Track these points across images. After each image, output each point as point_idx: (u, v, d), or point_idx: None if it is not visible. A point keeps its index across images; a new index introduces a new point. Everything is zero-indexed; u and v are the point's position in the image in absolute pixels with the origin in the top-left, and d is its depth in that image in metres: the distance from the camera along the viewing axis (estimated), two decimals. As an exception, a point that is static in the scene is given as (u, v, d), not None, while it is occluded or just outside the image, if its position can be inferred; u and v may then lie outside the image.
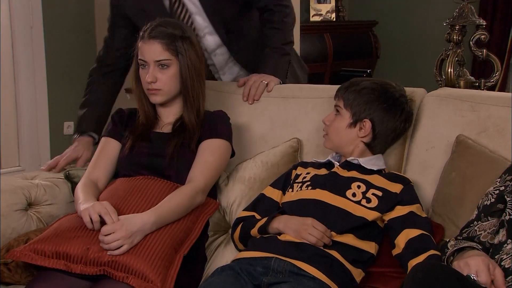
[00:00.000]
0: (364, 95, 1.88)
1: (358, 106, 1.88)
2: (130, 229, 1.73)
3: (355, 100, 1.89)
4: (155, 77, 1.97)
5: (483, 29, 3.06)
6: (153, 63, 1.97)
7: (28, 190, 2.07)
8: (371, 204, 1.78)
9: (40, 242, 1.76)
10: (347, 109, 1.90)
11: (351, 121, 1.89)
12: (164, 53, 1.96)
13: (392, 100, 1.90)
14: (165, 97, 2.01)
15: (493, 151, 1.82)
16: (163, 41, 1.96)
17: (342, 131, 1.90)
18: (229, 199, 2.09)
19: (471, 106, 1.92)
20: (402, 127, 1.94)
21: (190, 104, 2.01)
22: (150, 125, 2.07)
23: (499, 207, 1.59)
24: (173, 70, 1.98)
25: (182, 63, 1.98)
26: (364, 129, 1.88)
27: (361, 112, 1.88)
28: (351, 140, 1.90)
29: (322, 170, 1.92)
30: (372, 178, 1.84)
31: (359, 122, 1.88)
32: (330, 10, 5.70)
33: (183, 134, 2.00)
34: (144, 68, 1.99)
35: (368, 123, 1.88)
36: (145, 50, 1.97)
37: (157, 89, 1.98)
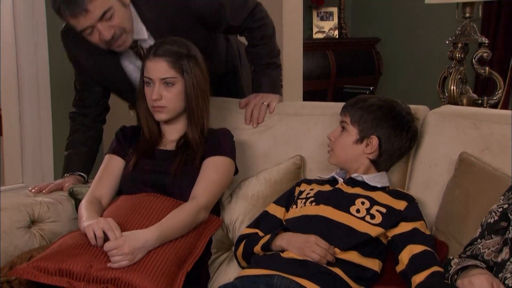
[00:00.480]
0: (372, 112, 1.89)
1: (366, 122, 1.89)
2: (133, 245, 1.73)
3: (363, 117, 1.89)
4: (160, 94, 1.97)
5: (486, 47, 3.06)
6: (159, 80, 1.97)
7: (31, 207, 2.07)
8: (375, 220, 1.78)
9: (43, 259, 1.76)
10: (354, 125, 1.90)
11: (358, 137, 1.89)
12: (170, 71, 1.97)
13: (400, 118, 1.91)
14: (169, 114, 2.01)
15: (496, 168, 1.82)
16: (169, 59, 1.97)
17: (348, 147, 1.90)
18: (232, 216, 2.09)
19: (474, 123, 1.92)
20: (408, 145, 1.95)
21: (195, 122, 2.02)
22: (154, 142, 2.07)
23: (502, 225, 1.58)
24: (178, 88, 1.99)
25: (187, 81, 1.99)
26: (371, 146, 1.89)
27: (369, 128, 1.89)
28: (357, 157, 1.90)
29: (326, 186, 1.92)
30: (376, 195, 1.83)
31: (366, 139, 1.89)
32: (333, 27, 5.73)
33: (187, 151, 2.01)
34: (149, 86, 2.00)
35: (375, 139, 1.88)
36: (151, 68, 1.98)
37: (162, 106, 1.99)
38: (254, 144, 2.23)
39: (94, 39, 2.04)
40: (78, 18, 1.97)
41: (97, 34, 2.02)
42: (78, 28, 2.01)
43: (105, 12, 1.97)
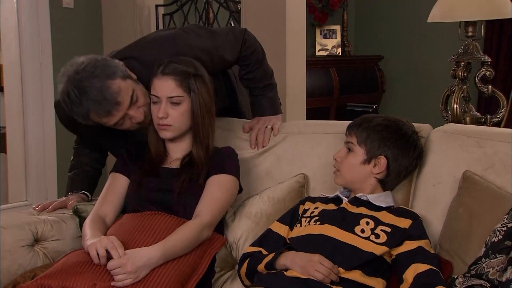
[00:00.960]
0: (378, 132, 1.89)
1: (373, 143, 1.89)
2: (136, 263, 1.73)
3: (369, 137, 1.89)
4: (167, 113, 1.98)
5: (488, 66, 3.07)
6: (166, 99, 1.98)
7: (35, 225, 2.07)
8: (380, 240, 1.77)
9: (46, 277, 1.76)
10: (361, 146, 1.90)
11: (365, 157, 1.89)
12: (177, 89, 1.98)
13: (407, 137, 1.92)
14: (175, 133, 2.02)
15: (500, 187, 1.81)
16: (177, 78, 1.98)
17: (355, 168, 1.90)
18: (236, 235, 2.08)
19: (477, 142, 1.92)
20: (415, 164, 1.95)
21: (200, 141, 2.02)
22: (159, 160, 2.07)
23: (507, 244, 1.58)
24: (184, 107, 1.99)
25: (194, 101, 1.99)
26: (379, 166, 1.89)
27: (376, 149, 1.89)
28: (365, 177, 1.90)
29: (330, 205, 1.92)
30: (381, 215, 1.83)
31: (374, 159, 1.89)
32: (336, 45, 5.75)
33: (191, 169, 2.01)
34: (155, 104, 2.01)
35: (383, 159, 1.89)
36: (158, 86, 1.99)
37: (168, 124, 1.99)
38: (257, 162, 2.23)
39: (125, 127, 2.03)
40: (112, 114, 1.95)
41: (129, 121, 2.01)
42: (110, 123, 1.99)
43: (131, 96, 1.98)
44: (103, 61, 1.98)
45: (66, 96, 1.93)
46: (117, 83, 1.94)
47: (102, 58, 1.99)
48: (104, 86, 1.91)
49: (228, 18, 4.05)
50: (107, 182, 2.11)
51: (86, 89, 1.90)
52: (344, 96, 5.36)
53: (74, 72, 1.94)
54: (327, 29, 5.73)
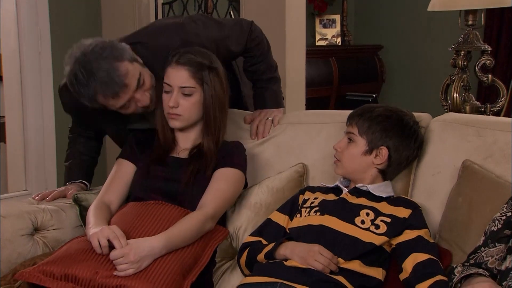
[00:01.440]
0: (380, 123, 1.89)
1: (374, 133, 1.88)
2: (138, 253, 1.73)
3: (371, 128, 1.89)
4: (178, 102, 1.98)
5: (488, 55, 3.06)
6: (178, 88, 1.98)
7: (35, 214, 2.07)
8: (380, 230, 1.78)
9: (49, 264, 1.76)
10: (362, 136, 1.90)
11: (366, 148, 1.89)
12: (190, 80, 1.97)
13: (408, 128, 1.91)
14: (184, 123, 2.02)
15: (500, 176, 1.82)
16: (191, 68, 1.97)
17: (357, 158, 1.90)
18: (236, 225, 2.09)
19: (477, 131, 1.92)
20: (415, 154, 1.95)
21: (211, 133, 2.02)
22: (167, 149, 2.07)
23: (506, 233, 1.58)
24: (196, 98, 1.99)
25: (207, 93, 1.99)
26: (380, 156, 1.89)
27: (378, 139, 1.88)
28: (366, 167, 1.90)
29: (330, 195, 1.92)
30: (380, 206, 1.83)
31: (375, 150, 1.89)
32: (336, 35, 5.73)
33: (200, 160, 2.01)
34: (167, 93, 2.00)
35: (384, 150, 1.88)
36: (172, 75, 1.98)
37: (178, 114, 1.99)
38: (257, 153, 2.23)
39: (130, 110, 2.02)
40: (119, 96, 1.95)
41: (134, 104, 2.00)
42: (116, 106, 1.98)
43: (138, 79, 1.97)
44: (111, 43, 1.97)
45: (74, 78, 1.93)
46: (125, 65, 1.93)
47: (109, 41, 1.99)
48: (111, 68, 1.90)
49: (228, 8, 4.03)
50: (113, 168, 2.10)
51: (94, 71, 1.90)
52: (344, 85, 5.36)
53: (81, 54, 1.93)
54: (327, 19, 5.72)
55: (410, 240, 1.76)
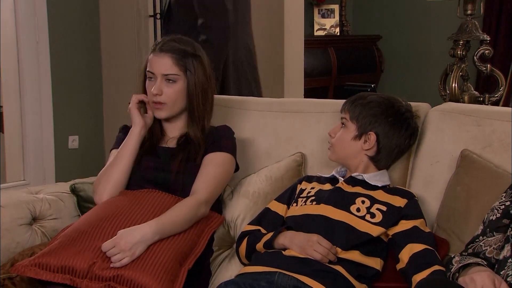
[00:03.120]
0: (371, 109, 1.89)
1: (364, 119, 1.89)
2: (129, 241, 1.73)
3: (361, 113, 1.89)
4: (161, 90, 1.98)
5: (487, 44, 3.06)
6: (161, 76, 1.98)
7: (33, 204, 2.07)
8: (375, 219, 1.78)
9: (45, 256, 1.76)
10: (353, 121, 1.90)
11: (356, 133, 1.89)
12: (173, 67, 1.97)
13: (398, 115, 1.91)
14: (169, 112, 2.01)
15: (498, 165, 1.82)
16: (173, 55, 1.97)
17: (346, 143, 1.91)
18: (234, 214, 2.09)
19: (475, 121, 1.92)
20: (407, 143, 1.94)
21: (195, 121, 2.02)
22: (156, 139, 2.07)
23: (504, 222, 1.58)
24: (179, 86, 1.99)
25: (190, 80, 1.99)
26: (368, 142, 1.89)
27: (367, 125, 1.89)
28: (356, 153, 1.90)
29: (326, 185, 1.92)
30: (376, 194, 1.84)
31: (364, 135, 1.89)
32: (334, 25, 5.73)
33: (188, 148, 2.01)
34: (151, 81, 2.00)
35: (373, 135, 1.88)
36: (154, 63, 1.98)
37: (162, 102, 1.99)
38: (255, 141, 2.23)
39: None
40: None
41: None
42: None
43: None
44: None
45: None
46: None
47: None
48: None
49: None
50: (109, 160, 2.10)
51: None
52: (342, 76, 5.36)
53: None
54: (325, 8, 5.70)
55: (406, 231, 1.76)
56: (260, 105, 2.31)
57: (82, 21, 4.14)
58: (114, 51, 4.24)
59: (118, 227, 1.80)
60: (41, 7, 3.80)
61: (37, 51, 3.85)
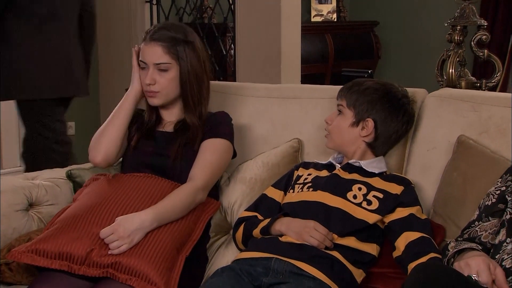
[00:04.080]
0: (368, 95, 1.89)
1: (361, 105, 1.88)
2: (128, 228, 1.73)
3: (358, 100, 1.89)
4: (154, 79, 1.96)
5: (484, 30, 3.05)
6: (153, 65, 1.96)
7: (29, 190, 2.07)
8: (372, 207, 1.78)
9: (42, 242, 1.75)
10: (350, 108, 1.90)
11: (353, 120, 1.89)
12: (164, 56, 1.95)
13: (395, 101, 1.90)
14: (162, 99, 2.00)
15: (495, 151, 1.82)
16: (164, 44, 1.95)
17: (344, 130, 1.90)
18: (230, 200, 2.09)
19: (472, 106, 1.92)
20: (404, 129, 1.94)
21: (191, 109, 2.01)
22: (154, 124, 2.07)
23: (500, 207, 1.59)
24: (172, 74, 1.97)
25: (183, 68, 1.97)
26: (366, 129, 1.88)
27: (364, 111, 1.88)
28: (353, 140, 1.90)
29: (323, 171, 1.92)
30: (373, 181, 1.84)
31: (361, 122, 1.88)
32: (331, 11, 5.70)
33: (186, 133, 2.00)
34: (144, 70, 1.99)
35: (370, 122, 1.88)
36: (146, 52, 1.97)
37: (155, 91, 1.98)
38: (252, 127, 2.23)
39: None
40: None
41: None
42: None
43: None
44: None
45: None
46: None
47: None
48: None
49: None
50: None
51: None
52: (340, 62, 5.34)
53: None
54: (323, -6, 5.68)
55: (402, 218, 1.76)
56: (258, 91, 2.30)
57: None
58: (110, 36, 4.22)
59: (115, 212, 1.80)
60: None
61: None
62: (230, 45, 4.16)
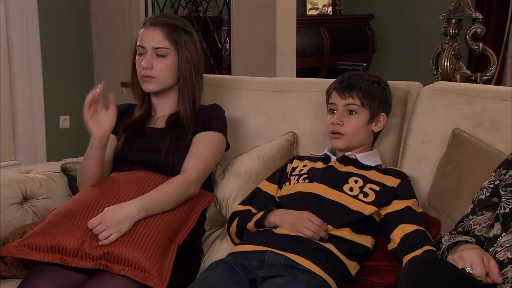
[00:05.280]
0: (375, 91, 1.91)
1: (374, 102, 1.90)
2: (115, 217, 1.73)
3: (370, 97, 1.89)
4: (151, 63, 1.96)
5: (479, 23, 3.05)
6: (151, 50, 1.96)
7: (24, 184, 2.06)
8: (368, 199, 1.78)
9: (34, 236, 1.75)
10: (364, 107, 1.89)
11: (369, 117, 1.90)
12: (164, 41, 1.96)
13: (390, 90, 1.95)
14: (158, 86, 1.99)
15: (489, 144, 1.82)
16: (164, 29, 1.96)
17: (361, 130, 1.90)
18: (225, 193, 2.09)
19: (467, 99, 1.92)
20: None
21: (187, 97, 2.01)
22: (145, 119, 2.06)
23: (494, 201, 1.59)
24: (170, 60, 1.97)
25: (181, 55, 1.98)
26: (380, 123, 1.92)
27: (377, 107, 1.90)
28: (367, 136, 1.93)
29: (318, 163, 1.93)
30: (369, 174, 1.84)
31: (376, 118, 1.91)
32: (327, 4, 5.69)
33: (178, 128, 2.00)
34: (141, 55, 1.99)
35: (383, 117, 1.92)
36: (145, 36, 1.97)
37: (152, 76, 1.97)
38: (247, 121, 2.22)
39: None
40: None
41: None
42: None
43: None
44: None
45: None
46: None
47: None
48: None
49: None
50: None
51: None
52: (335, 55, 5.34)
53: None
54: (318, -13, 5.67)
55: (399, 211, 1.77)
56: (253, 84, 2.30)
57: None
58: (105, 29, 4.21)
59: (105, 206, 1.79)
60: (30, -15, 3.77)
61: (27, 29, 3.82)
62: (225, 38, 4.15)
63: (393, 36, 5.70)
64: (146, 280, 1.67)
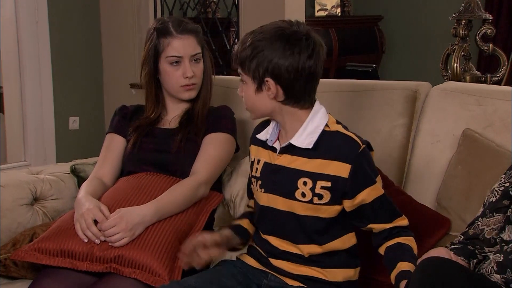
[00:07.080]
0: (253, 52, 1.54)
1: (253, 67, 1.55)
2: (130, 221, 1.73)
3: (247, 62, 1.56)
4: (192, 71, 1.99)
5: (489, 24, 3.04)
6: (189, 57, 1.98)
7: (34, 184, 2.07)
8: (324, 200, 1.57)
9: (44, 240, 1.76)
10: (247, 74, 1.58)
11: (255, 86, 1.57)
12: (197, 47, 2.00)
13: (283, 45, 1.53)
14: (197, 90, 2.04)
15: (500, 145, 1.81)
16: (196, 35, 2.00)
17: (252, 98, 1.60)
18: (233, 192, 2.09)
19: (477, 100, 1.91)
20: (310, 65, 1.56)
21: (206, 97, 2.05)
22: (156, 121, 2.06)
23: (504, 203, 1.58)
24: (202, 64, 2.03)
25: (206, 56, 2.04)
26: (271, 90, 1.55)
27: (258, 72, 1.55)
28: (267, 105, 1.59)
29: (266, 154, 1.67)
30: (314, 164, 1.58)
31: (262, 85, 1.56)
32: (335, 5, 5.69)
33: (188, 128, 2.00)
34: (175, 65, 1.98)
35: (270, 81, 1.55)
36: (180, 46, 1.97)
37: (195, 83, 2.01)
38: (256, 121, 2.21)
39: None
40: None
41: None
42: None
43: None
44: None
45: None
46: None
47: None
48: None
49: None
50: (104, 144, 2.08)
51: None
52: (344, 56, 5.33)
53: None
54: (327, -11, 5.67)
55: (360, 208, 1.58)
56: (261, 85, 2.29)
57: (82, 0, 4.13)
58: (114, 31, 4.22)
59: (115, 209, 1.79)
60: (40, -14, 3.79)
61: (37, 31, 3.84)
62: (234, 39, 4.16)
63: (402, 37, 5.69)
64: (157, 283, 1.67)
